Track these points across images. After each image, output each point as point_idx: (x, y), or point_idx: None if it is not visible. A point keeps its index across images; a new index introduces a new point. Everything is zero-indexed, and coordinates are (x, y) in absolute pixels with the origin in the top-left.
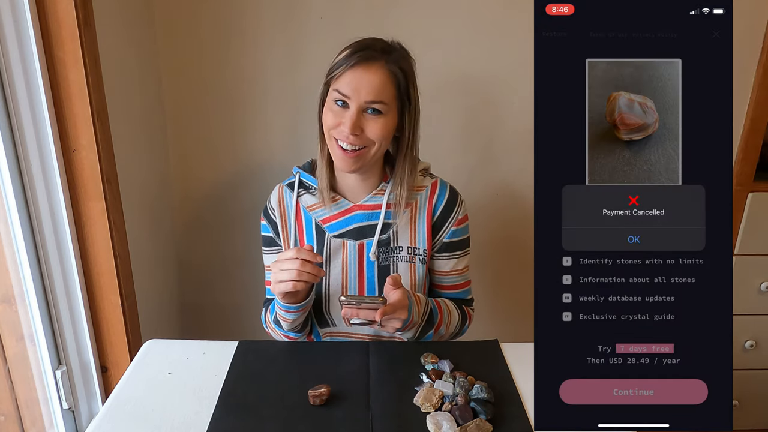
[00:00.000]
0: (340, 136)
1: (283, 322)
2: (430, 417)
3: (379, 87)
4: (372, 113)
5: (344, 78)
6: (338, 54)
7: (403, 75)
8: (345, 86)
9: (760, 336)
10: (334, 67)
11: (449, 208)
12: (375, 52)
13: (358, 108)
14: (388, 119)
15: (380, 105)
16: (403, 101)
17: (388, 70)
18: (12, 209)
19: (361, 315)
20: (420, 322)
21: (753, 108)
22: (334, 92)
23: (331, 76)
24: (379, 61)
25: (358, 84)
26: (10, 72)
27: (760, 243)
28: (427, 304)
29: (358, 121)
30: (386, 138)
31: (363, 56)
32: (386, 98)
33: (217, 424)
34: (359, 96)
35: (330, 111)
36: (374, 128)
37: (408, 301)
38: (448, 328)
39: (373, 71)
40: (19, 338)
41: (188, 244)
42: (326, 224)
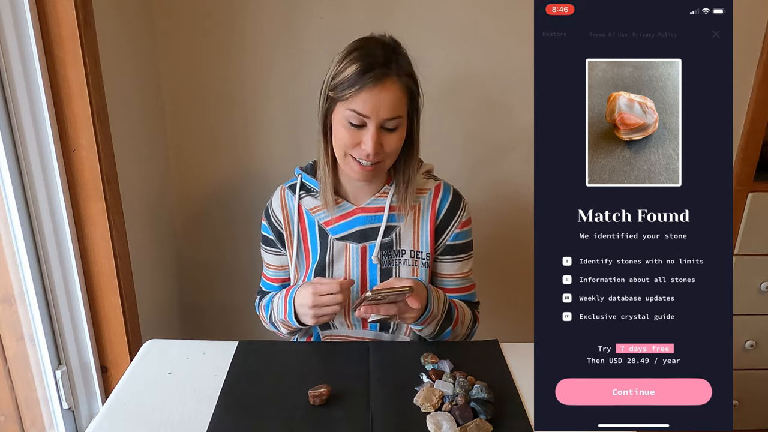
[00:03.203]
0: (360, 155)
1: (286, 330)
2: (430, 417)
3: (396, 103)
4: (389, 130)
5: (360, 98)
6: (341, 65)
7: (413, 83)
8: (362, 106)
9: (760, 336)
10: (343, 85)
11: (452, 211)
12: (386, 68)
13: (376, 126)
14: (403, 130)
15: (398, 120)
16: (413, 108)
17: (402, 84)
18: (12, 209)
19: (381, 311)
20: (440, 316)
21: (753, 108)
22: (350, 112)
23: (341, 94)
24: (392, 77)
25: (375, 104)
26: (10, 72)
27: (760, 243)
28: (446, 299)
29: (379, 139)
30: (400, 148)
31: (377, 75)
32: (402, 112)
33: (217, 424)
34: (378, 115)
35: (345, 129)
36: (392, 143)
37: (425, 288)
38: (463, 326)
39: (387, 89)
40: (19, 338)
41: (188, 244)
42: (329, 227)
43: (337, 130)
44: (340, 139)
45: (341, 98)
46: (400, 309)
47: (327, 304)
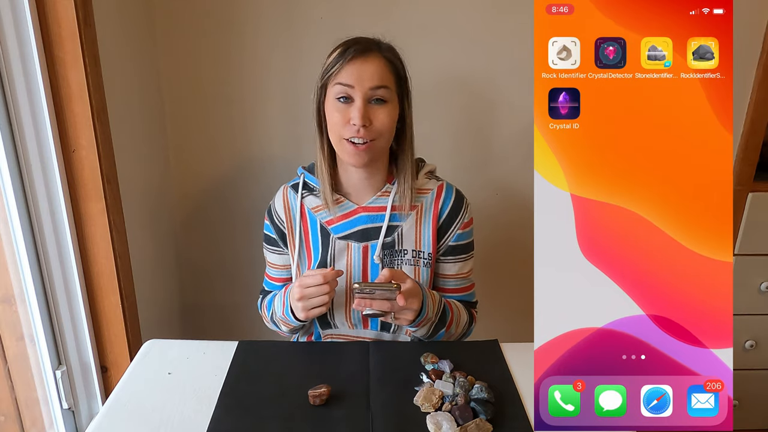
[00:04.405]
0: (350, 133)
1: (286, 327)
2: (430, 417)
3: (380, 73)
4: (377, 103)
5: (345, 71)
6: (329, 56)
7: (399, 63)
8: (347, 77)
9: (760, 336)
10: (329, 66)
11: (455, 211)
12: (369, 44)
13: (363, 98)
14: (392, 107)
15: (384, 91)
16: (402, 88)
17: (385, 58)
18: (12, 209)
19: (375, 305)
20: (434, 318)
21: (753, 108)
22: (336, 86)
23: (328, 75)
24: (375, 51)
25: (359, 73)
26: (10, 72)
27: (760, 243)
28: (440, 301)
29: (366, 112)
30: (392, 128)
31: (359, 49)
32: (389, 83)
33: (217, 424)
34: (363, 84)
35: (335, 110)
36: (381, 118)
37: (420, 291)
38: (458, 327)
39: (371, 61)
40: (19, 338)
41: (188, 244)
42: (331, 226)
43: (330, 114)
44: (333, 122)
45: (329, 79)
46: (394, 307)
47: (313, 296)
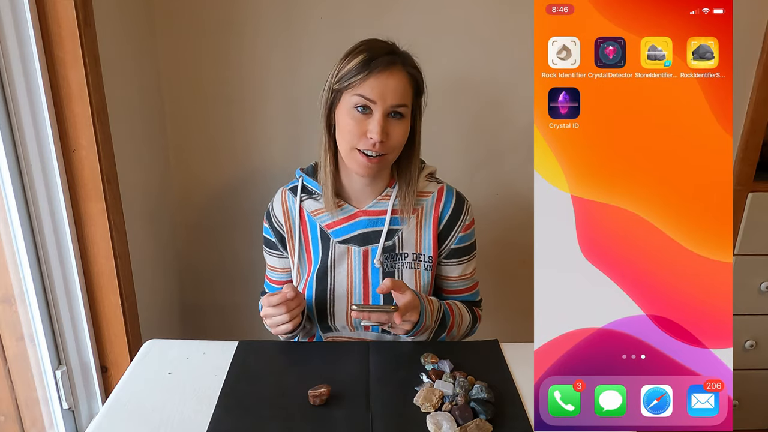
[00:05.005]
0: (366, 146)
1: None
2: (430, 417)
3: (402, 91)
4: (394, 117)
5: (367, 84)
6: (345, 60)
7: (419, 77)
8: (370, 91)
9: (760, 336)
10: (348, 75)
11: (456, 215)
12: (393, 56)
13: (383, 113)
14: (407, 123)
15: (403, 108)
16: (417, 105)
17: (408, 74)
18: (12, 209)
19: (372, 318)
20: (433, 326)
21: (753, 108)
22: (356, 97)
23: (348, 84)
24: (398, 65)
25: (383, 89)
26: (10, 72)
27: (760, 243)
28: (440, 309)
29: (386, 127)
30: (404, 142)
31: (384, 61)
32: (408, 101)
33: (217, 424)
34: (385, 101)
35: (350, 118)
36: (397, 132)
37: (419, 302)
38: (460, 329)
39: (395, 76)
40: (19, 338)
41: (188, 244)
42: (331, 230)
43: (344, 121)
44: (347, 130)
45: (348, 87)
46: (390, 319)
47: (273, 315)
